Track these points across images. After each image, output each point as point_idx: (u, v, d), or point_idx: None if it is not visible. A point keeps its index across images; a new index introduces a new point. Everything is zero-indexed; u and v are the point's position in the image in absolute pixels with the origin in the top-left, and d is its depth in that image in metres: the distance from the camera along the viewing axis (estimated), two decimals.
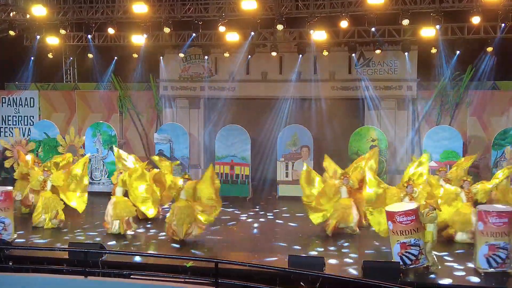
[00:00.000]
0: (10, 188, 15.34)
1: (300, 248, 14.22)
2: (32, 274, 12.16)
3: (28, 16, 19.90)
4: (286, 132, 20.26)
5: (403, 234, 11.99)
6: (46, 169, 16.76)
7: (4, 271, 12.38)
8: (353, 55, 20.83)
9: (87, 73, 24.12)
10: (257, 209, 18.56)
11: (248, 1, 17.49)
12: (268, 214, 17.85)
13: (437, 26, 18.43)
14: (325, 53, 20.80)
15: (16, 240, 14.65)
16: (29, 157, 18.04)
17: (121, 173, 15.78)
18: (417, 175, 14.67)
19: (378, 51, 20.53)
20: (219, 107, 22.50)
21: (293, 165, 19.88)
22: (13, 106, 23.58)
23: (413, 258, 12.04)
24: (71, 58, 24.62)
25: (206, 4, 19.92)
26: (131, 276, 11.92)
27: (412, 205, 12.64)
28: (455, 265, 12.78)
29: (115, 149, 17.96)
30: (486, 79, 20.51)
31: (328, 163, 16.40)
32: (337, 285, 10.86)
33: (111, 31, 20.80)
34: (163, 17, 19.97)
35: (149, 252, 13.89)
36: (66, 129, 21.64)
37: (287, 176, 19.89)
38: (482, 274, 12.04)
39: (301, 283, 10.97)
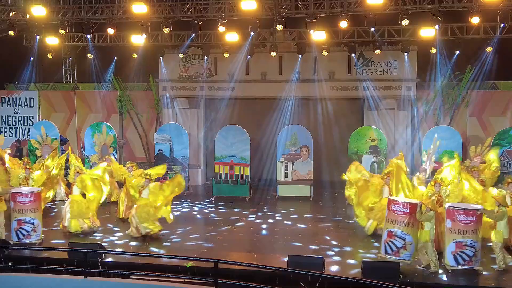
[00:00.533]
0: (38, 189, 15.36)
1: (299, 248, 14.23)
2: (31, 275, 12.16)
3: (27, 16, 19.91)
4: (286, 132, 20.26)
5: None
6: (28, 166, 16.85)
7: (4, 271, 12.41)
8: (353, 55, 20.84)
9: (87, 73, 24.11)
10: (256, 209, 18.56)
11: (248, 1, 17.52)
12: (267, 214, 17.87)
13: (436, 26, 18.43)
14: (325, 53, 20.79)
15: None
16: (7, 156, 18.13)
17: (78, 172, 15.93)
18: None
19: (377, 51, 20.52)
20: (218, 107, 22.54)
21: (292, 165, 19.88)
22: (12, 106, 23.65)
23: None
24: (71, 58, 24.68)
25: (206, 4, 19.93)
26: (131, 276, 11.94)
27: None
28: None
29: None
30: (485, 79, 20.53)
31: (355, 167, 16.12)
32: (337, 285, 10.89)
33: (110, 31, 20.79)
34: (163, 17, 19.97)
35: (149, 252, 13.90)
36: (66, 129, 21.67)
37: (286, 176, 19.87)
38: (449, 271, 12.24)
39: (301, 283, 10.96)
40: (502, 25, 18.82)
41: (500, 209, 12.34)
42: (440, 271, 12.25)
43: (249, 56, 21.30)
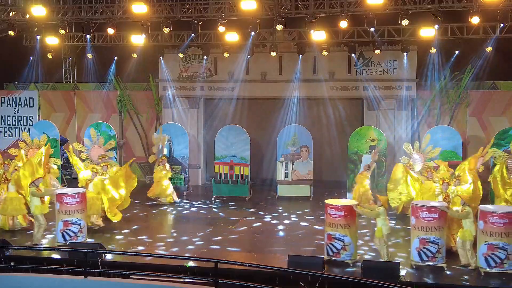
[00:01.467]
0: (84, 189, 15.41)
1: (299, 247, 14.24)
2: (32, 274, 12.18)
3: (27, 16, 19.92)
4: (286, 132, 20.29)
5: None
6: (6, 162, 16.87)
7: (5, 271, 12.42)
8: (353, 55, 20.83)
9: (87, 73, 24.13)
10: (256, 209, 18.60)
11: (248, 1, 17.50)
12: (267, 214, 17.88)
13: (436, 26, 18.43)
14: (325, 53, 20.78)
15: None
16: None
17: (15, 170, 16.03)
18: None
19: (377, 51, 20.51)
20: (218, 107, 22.54)
21: (292, 165, 19.89)
22: (12, 106, 23.66)
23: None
24: (71, 58, 24.70)
25: (206, 4, 19.93)
26: (131, 276, 11.95)
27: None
28: None
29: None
30: (485, 79, 20.54)
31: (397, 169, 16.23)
32: (337, 285, 10.90)
33: (110, 31, 20.78)
34: (163, 17, 19.97)
35: (149, 252, 13.90)
36: (66, 129, 21.68)
37: (286, 176, 19.89)
38: (414, 267, 12.55)
39: (301, 283, 10.97)
40: (502, 25, 18.80)
41: (464, 208, 12.57)
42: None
43: (248, 56, 21.30)
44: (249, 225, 16.67)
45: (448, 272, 12.47)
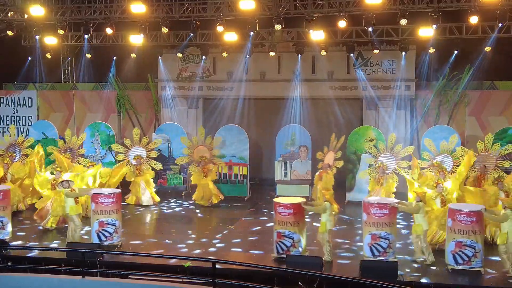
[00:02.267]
0: (119, 190, 15.46)
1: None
2: (30, 274, 12.19)
3: (26, 16, 19.93)
4: (285, 131, 20.28)
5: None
6: (5, 161, 17.34)
7: (2, 271, 12.42)
8: (351, 55, 20.81)
9: (86, 73, 24.13)
10: (255, 209, 18.61)
11: (246, 1, 17.48)
12: (265, 214, 17.87)
13: (434, 26, 18.44)
14: (323, 53, 20.77)
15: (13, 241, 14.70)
16: None
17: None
18: None
19: (376, 51, 20.51)
20: (217, 107, 22.51)
21: (291, 165, 19.88)
22: (11, 106, 23.66)
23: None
24: (69, 58, 24.66)
25: (204, 4, 19.95)
26: (129, 276, 11.94)
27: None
28: None
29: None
30: (484, 79, 20.52)
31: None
32: (335, 284, 10.90)
33: (109, 31, 20.76)
34: (161, 17, 19.99)
35: (147, 252, 13.89)
36: (64, 129, 21.62)
37: (285, 176, 19.90)
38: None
39: (299, 282, 10.97)
40: (500, 24, 18.81)
41: (418, 203, 12.98)
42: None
43: (247, 56, 21.30)
44: (247, 225, 16.68)
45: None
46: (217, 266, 11.10)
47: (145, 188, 19.09)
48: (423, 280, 11.97)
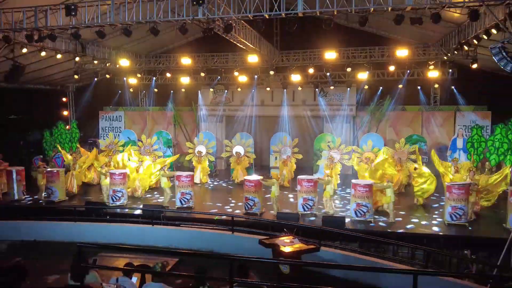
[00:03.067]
0: (192, 173, 14.96)
1: (288, 206, 13.93)
2: (119, 224, 12.23)
3: (117, 65, 20.01)
4: (276, 137, 20.25)
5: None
6: (110, 154, 17.90)
7: (104, 222, 12.50)
8: (316, 89, 20.77)
9: (154, 101, 24.13)
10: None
11: (252, 56, 17.53)
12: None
13: (367, 72, 18.49)
14: (299, 88, 20.78)
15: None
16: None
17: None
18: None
19: (332, 87, 20.50)
20: (234, 122, 22.45)
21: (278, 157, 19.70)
22: (108, 121, 23.70)
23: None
24: (144, 91, 24.68)
25: (227, 57, 20.03)
26: (181, 225, 11.99)
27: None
28: None
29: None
30: (398, 104, 20.46)
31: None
32: (307, 230, 10.89)
33: (168, 75, 20.87)
34: (200, 66, 20.08)
35: (192, 210, 13.89)
36: (141, 135, 21.64)
37: (276, 164, 19.70)
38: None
39: (284, 229, 10.99)
40: (408, 71, 18.92)
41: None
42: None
43: (253, 90, 21.31)
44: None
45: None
46: (234, 219, 11.16)
47: (200, 171, 18.65)
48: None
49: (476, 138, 16.83)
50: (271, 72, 19.21)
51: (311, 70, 18.96)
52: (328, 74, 19.40)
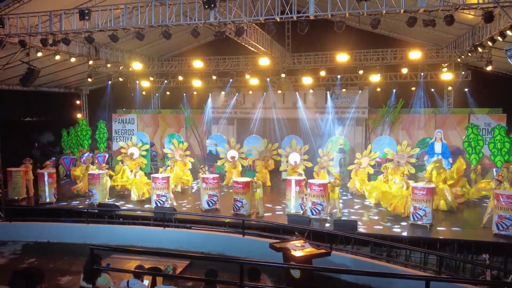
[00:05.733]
0: (218, 175, 14.90)
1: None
2: (132, 226, 12.30)
3: (130, 69, 20.20)
4: (287, 139, 20.20)
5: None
6: (137, 163, 17.29)
7: (116, 224, 12.58)
8: (328, 92, 20.69)
9: (166, 103, 24.34)
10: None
11: (263, 58, 17.54)
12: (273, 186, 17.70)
13: (378, 75, 18.35)
14: (311, 91, 20.72)
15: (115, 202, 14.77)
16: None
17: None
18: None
19: (344, 90, 20.39)
20: (245, 124, 22.48)
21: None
22: (121, 123, 23.90)
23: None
24: (156, 94, 24.86)
25: (238, 60, 20.06)
26: (192, 227, 12.01)
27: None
28: None
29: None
30: (411, 107, 20.26)
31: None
32: (317, 234, 10.83)
33: (180, 78, 20.98)
34: (212, 69, 20.14)
35: (203, 213, 13.89)
36: (153, 138, 21.79)
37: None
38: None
39: (296, 232, 10.95)
40: (422, 73, 18.71)
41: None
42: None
43: (264, 93, 21.29)
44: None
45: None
46: (245, 222, 11.14)
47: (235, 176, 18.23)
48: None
49: (472, 137, 16.54)
50: (283, 75, 19.17)
51: (322, 73, 18.88)
52: (338, 76, 19.27)
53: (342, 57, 17.33)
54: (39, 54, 14.29)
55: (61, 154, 21.36)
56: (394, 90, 20.17)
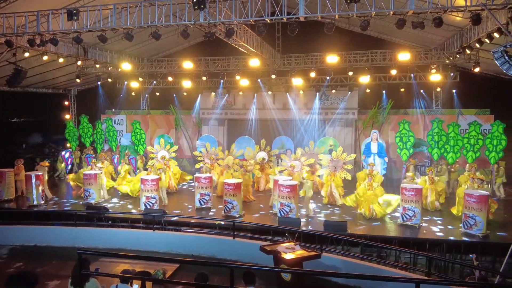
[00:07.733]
0: (211, 175, 14.93)
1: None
2: (120, 229, 12.14)
3: (119, 69, 20.00)
4: (277, 140, 20.18)
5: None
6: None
7: (104, 227, 12.41)
8: (318, 93, 20.70)
9: (156, 104, 24.15)
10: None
11: (253, 59, 17.51)
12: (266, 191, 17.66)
13: (368, 76, 18.40)
14: (301, 92, 20.71)
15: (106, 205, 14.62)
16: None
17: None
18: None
19: (333, 91, 20.42)
20: (236, 125, 22.41)
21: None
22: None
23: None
24: (146, 95, 24.66)
25: (228, 61, 19.99)
26: (181, 230, 11.90)
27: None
28: None
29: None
30: (399, 108, 20.37)
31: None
32: (308, 236, 10.80)
33: (170, 78, 20.83)
34: (202, 70, 20.03)
35: (193, 215, 13.81)
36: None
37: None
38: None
39: (286, 234, 10.92)
40: (412, 75, 18.81)
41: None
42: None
43: (255, 94, 21.24)
44: (255, 195, 16.32)
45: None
46: (235, 224, 11.07)
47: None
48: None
49: (404, 133, 16.89)
50: (273, 76, 19.15)
51: (312, 74, 18.89)
52: (328, 78, 19.28)
53: (332, 59, 17.36)
54: (26, 54, 14.08)
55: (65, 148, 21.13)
56: (384, 92, 20.25)
